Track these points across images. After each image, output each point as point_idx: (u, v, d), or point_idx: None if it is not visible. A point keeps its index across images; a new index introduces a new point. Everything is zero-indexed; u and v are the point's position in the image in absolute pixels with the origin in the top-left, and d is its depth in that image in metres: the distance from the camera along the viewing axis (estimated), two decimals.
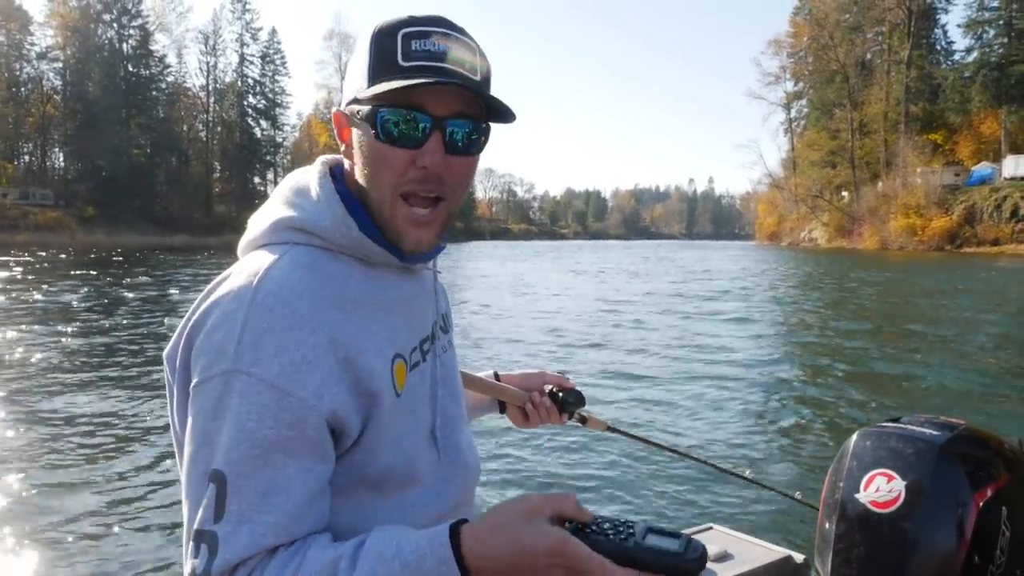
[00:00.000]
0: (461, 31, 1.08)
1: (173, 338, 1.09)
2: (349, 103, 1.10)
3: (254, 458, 0.97)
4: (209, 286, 1.09)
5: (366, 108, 1.06)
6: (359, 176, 1.11)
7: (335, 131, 1.15)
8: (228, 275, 1.09)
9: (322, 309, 1.03)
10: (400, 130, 1.05)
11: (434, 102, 1.04)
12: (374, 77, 1.05)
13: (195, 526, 0.97)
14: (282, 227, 1.11)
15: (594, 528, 0.94)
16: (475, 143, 1.09)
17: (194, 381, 1.02)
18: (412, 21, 1.06)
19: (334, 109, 1.15)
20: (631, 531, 0.94)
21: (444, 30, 1.06)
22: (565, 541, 0.91)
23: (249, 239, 1.15)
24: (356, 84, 1.08)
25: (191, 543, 0.97)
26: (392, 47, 1.04)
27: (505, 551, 0.92)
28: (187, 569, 0.98)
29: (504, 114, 1.09)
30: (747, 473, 3.35)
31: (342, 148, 1.16)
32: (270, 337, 0.99)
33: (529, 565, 0.92)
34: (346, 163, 1.16)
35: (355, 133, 1.10)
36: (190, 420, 1.01)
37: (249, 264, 1.08)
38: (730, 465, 2.41)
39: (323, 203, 1.11)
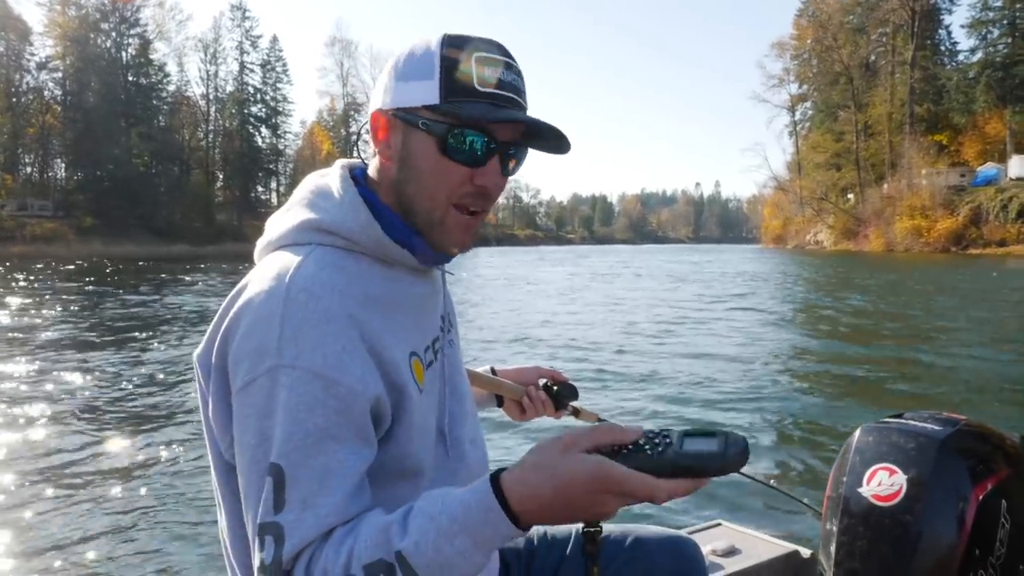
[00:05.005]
0: (514, 57, 1.14)
1: (204, 341, 1.11)
2: (411, 108, 1.11)
3: (308, 447, 0.99)
4: (235, 289, 1.11)
5: (435, 121, 1.10)
6: (404, 180, 1.14)
7: (371, 129, 1.16)
8: (252, 278, 1.11)
9: (350, 305, 1.06)
10: (467, 150, 1.10)
11: (502, 128, 1.12)
12: (449, 93, 1.08)
13: (257, 520, 1.00)
14: (307, 228, 1.14)
15: (630, 448, 0.94)
16: (517, 166, 1.18)
17: (239, 385, 1.04)
18: (482, 45, 1.10)
19: (374, 107, 1.16)
20: (668, 441, 0.93)
21: (509, 60, 1.12)
22: (600, 466, 0.92)
23: (269, 240, 1.18)
24: (421, 93, 1.10)
25: (256, 538, 1.00)
26: (466, 68, 1.08)
27: (545, 487, 0.94)
28: (256, 564, 1.00)
29: (558, 144, 1.17)
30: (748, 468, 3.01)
31: (377, 147, 1.17)
32: (308, 330, 1.01)
33: (570, 496, 0.93)
34: (374, 163, 1.19)
35: (409, 140, 1.13)
36: (243, 423, 1.04)
37: (274, 264, 1.10)
38: None
39: (347, 205, 1.14)
